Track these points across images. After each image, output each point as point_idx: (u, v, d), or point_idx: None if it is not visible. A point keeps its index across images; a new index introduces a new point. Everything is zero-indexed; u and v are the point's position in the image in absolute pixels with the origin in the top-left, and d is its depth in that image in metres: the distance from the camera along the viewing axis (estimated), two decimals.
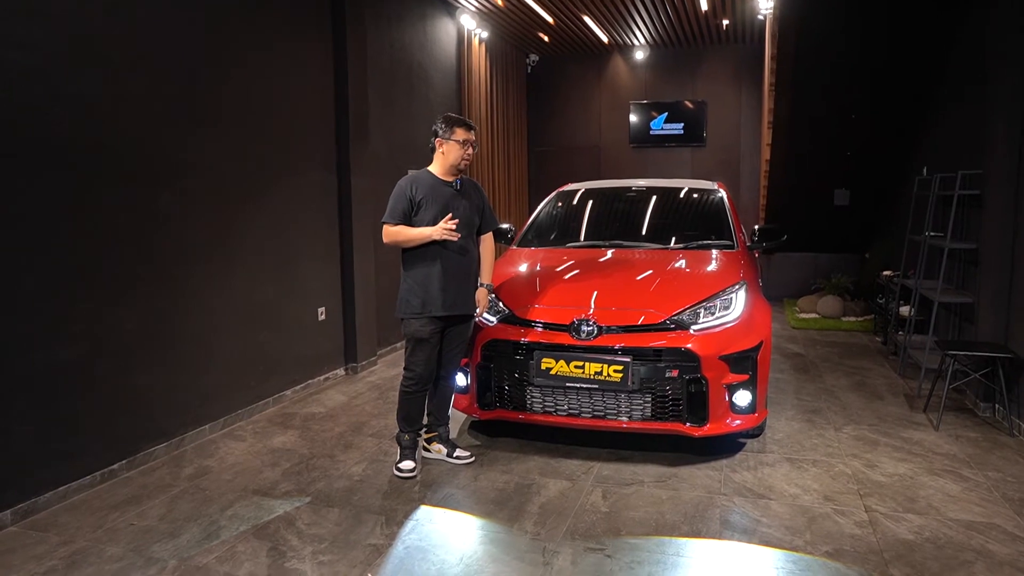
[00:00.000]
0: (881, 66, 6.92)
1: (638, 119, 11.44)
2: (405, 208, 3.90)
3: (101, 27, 3.85)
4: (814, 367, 6.38)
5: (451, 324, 4.01)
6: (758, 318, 4.25)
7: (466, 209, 4.01)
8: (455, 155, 3.95)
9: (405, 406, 4.02)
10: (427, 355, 3.94)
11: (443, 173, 4.01)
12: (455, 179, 4.02)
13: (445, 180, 4.00)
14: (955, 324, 5.78)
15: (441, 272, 3.89)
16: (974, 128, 5.38)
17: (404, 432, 4.05)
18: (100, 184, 3.85)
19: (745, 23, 9.63)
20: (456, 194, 3.99)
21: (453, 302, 3.92)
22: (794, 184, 8.72)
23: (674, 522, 3.39)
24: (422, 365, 3.94)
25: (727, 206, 5.40)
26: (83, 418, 3.78)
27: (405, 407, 4.02)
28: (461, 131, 3.95)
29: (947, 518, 3.42)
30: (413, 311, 3.90)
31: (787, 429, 4.68)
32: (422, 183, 3.96)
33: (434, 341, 3.95)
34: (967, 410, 5.06)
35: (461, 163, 3.97)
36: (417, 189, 3.93)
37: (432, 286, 3.88)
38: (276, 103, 5.26)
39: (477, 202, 4.11)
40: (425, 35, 7.98)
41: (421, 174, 4.03)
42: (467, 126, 3.98)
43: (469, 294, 4.03)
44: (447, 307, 3.90)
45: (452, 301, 3.92)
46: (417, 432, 4.10)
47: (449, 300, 3.90)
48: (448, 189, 3.98)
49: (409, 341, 3.96)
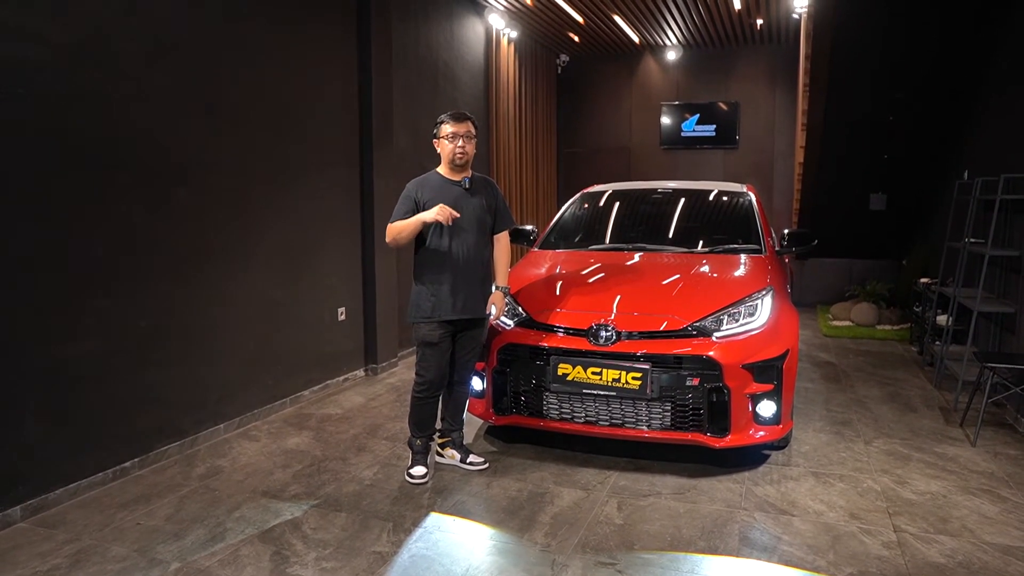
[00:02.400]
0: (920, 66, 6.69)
1: (670, 120, 11.25)
2: (410, 208, 3.82)
3: (121, 24, 3.84)
4: (845, 377, 6.17)
5: (463, 328, 3.91)
6: (784, 326, 4.10)
7: (476, 208, 3.91)
8: (448, 150, 3.86)
9: (417, 411, 3.94)
10: (438, 360, 3.85)
11: (448, 172, 3.93)
12: (463, 177, 3.92)
13: (453, 180, 3.91)
14: (995, 335, 5.54)
15: (452, 275, 3.80)
16: (1019, 130, 5.15)
17: (416, 437, 3.97)
18: (118, 180, 3.84)
19: (779, 22, 9.41)
20: (464, 193, 3.89)
21: (464, 306, 3.82)
22: (829, 187, 8.49)
23: (690, 537, 3.26)
24: (433, 370, 3.85)
25: (756, 209, 5.24)
26: (97, 415, 3.77)
27: (417, 412, 3.94)
28: (447, 125, 3.85)
29: (982, 541, 3.23)
30: (423, 315, 3.82)
31: (814, 441, 4.51)
32: (429, 184, 3.89)
33: (445, 346, 3.86)
34: (1007, 425, 4.82)
35: (456, 158, 3.86)
36: (423, 191, 3.85)
37: (442, 289, 3.79)
38: (299, 100, 5.22)
39: (490, 201, 4.01)
40: (452, 34, 7.92)
41: (430, 175, 3.95)
42: (456, 118, 3.87)
43: (481, 297, 3.92)
44: (457, 311, 3.81)
45: (463, 305, 3.82)
46: (429, 437, 4.02)
47: (459, 304, 3.81)
48: (456, 188, 3.89)
49: (420, 346, 3.88)
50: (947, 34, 6.22)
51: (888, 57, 6.76)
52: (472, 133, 3.90)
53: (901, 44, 6.55)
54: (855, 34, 6.60)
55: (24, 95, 3.36)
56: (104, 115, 3.76)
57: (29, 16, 3.39)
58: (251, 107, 4.76)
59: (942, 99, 6.86)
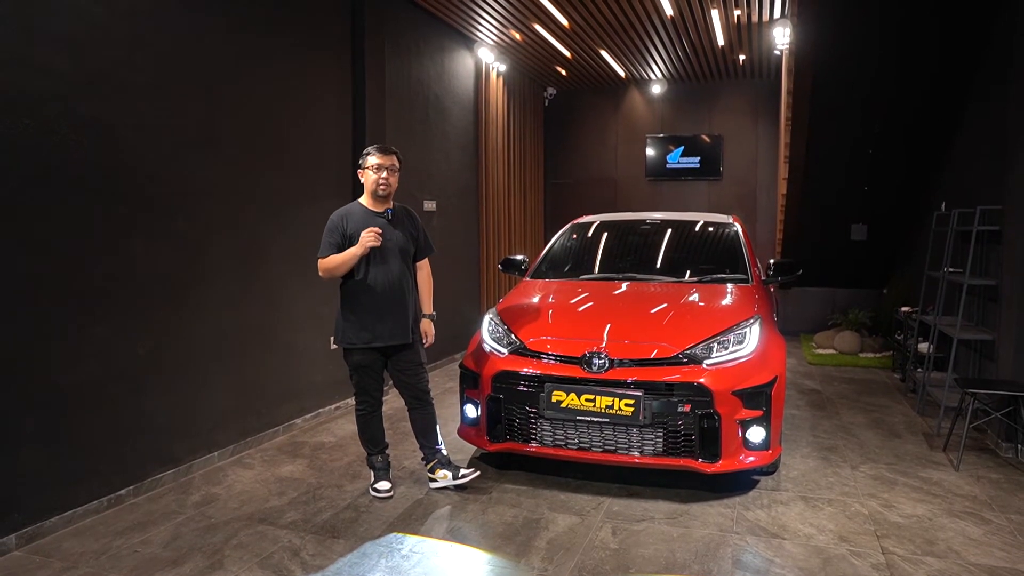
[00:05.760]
0: (898, 102, 6.91)
1: (654, 152, 11.46)
2: (337, 242, 3.94)
3: (124, 56, 3.93)
4: (831, 404, 6.27)
5: (391, 354, 4.04)
6: (773, 353, 4.20)
7: (398, 239, 4.04)
8: (370, 181, 3.98)
9: (366, 429, 4.14)
10: (372, 379, 4.06)
11: (371, 203, 4.05)
12: (385, 209, 4.04)
13: (375, 211, 4.03)
14: (975, 361, 5.67)
15: (377, 303, 3.94)
16: (993, 163, 5.34)
17: (372, 454, 4.16)
18: (116, 209, 3.90)
19: (762, 58, 9.67)
20: (387, 224, 4.01)
21: (391, 333, 3.96)
22: (811, 218, 8.67)
23: (685, 561, 3.31)
24: (369, 389, 4.07)
25: (742, 240, 5.37)
26: (92, 442, 3.78)
27: (366, 430, 4.14)
28: (372, 157, 3.98)
29: (968, 562, 3.31)
30: (350, 342, 3.96)
31: (802, 467, 4.59)
32: (353, 216, 4.00)
33: (376, 367, 4.04)
34: (988, 450, 4.93)
35: (378, 189, 3.98)
36: (348, 222, 3.97)
37: (367, 317, 3.93)
38: (294, 132, 5.32)
39: (411, 230, 4.15)
40: (443, 67, 8.08)
41: (352, 206, 4.07)
42: (382, 151, 4.00)
43: (406, 324, 4.03)
44: (384, 338, 3.95)
45: (389, 331, 3.96)
46: (383, 451, 4.18)
47: (386, 331, 3.95)
48: (379, 219, 4.00)
49: (353, 369, 4.03)
50: (924, 73, 6.44)
51: (868, 93, 6.97)
52: (396, 166, 4.05)
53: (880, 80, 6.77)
54: (835, 70, 6.81)
55: (29, 125, 3.43)
56: (106, 145, 3.83)
57: (39, 48, 3.47)
58: (248, 139, 4.85)
59: (920, 133, 7.08)
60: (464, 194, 8.66)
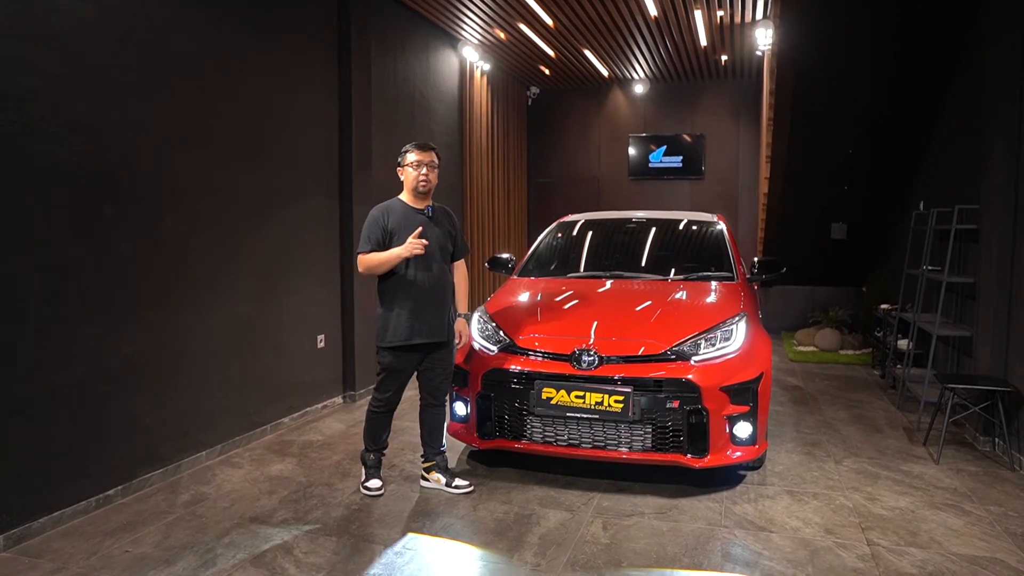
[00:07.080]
0: (878, 102, 7.02)
1: (637, 152, 11.55)
2: (378, 237, 3.95)
3: (113, 56, 3.90)
4: (813, 400, 6.37)
5: (429, 351, 4.04)
6: (758, 350, 4.26)
7: (438, 236, 4.05)
8: (411, 178, 4.00)
9: (372, 426, 4.12)
10: (399, 383, 4.05)
11: (411, 200, 4.06)
12: (426, 206, 4.06)
13: (416, 208, 4.04)
14: (953, 357, 5.79)
15: (416, 301, 3.94)
16: (971, 163, 5.45)
17: (369, 451, 4.15)
18: (105, 208, 3.87)
19: (743, 59, 9.78)
20: (427, 221, 4.02)
21: (430, 330, 3.97)
22: (792, 217, 8.79)
23: (675, 554, 3.36)
24: (392, 391, 4.05)
25: (727, 238, 5.44)
26: (80, 443, 3.76)
27: (372, 427, 4.12)
28: (412, 154, 4.00)
29: (950, 552, 3.39)
30: (390, 341, 3.95)
31: (787, 462, 4.66)
32: (394, 211, 4.01)
33: (409, 372, 4.04)
34: (967, 444, 5.04)
35: (419, 185, 3.99)
36: (389, 217, 3.98)
37: (409, 315, 3.93)
38: (281, 131, 5.31)
39: (449, 229, 4.16)
40: (428, 66, 8.09)
41: (393, 202, 4.08)
42: (421, 148, 4.02)
43: (444, 322, 4.05)
44: (423, 335, 3.95)
45: (428, 329, 3.96)
46: (380, 450, 4.17)
47: (425, 328, 3.95)
48: (420, 216, 4.02)
49: (383, 369, 4.02)
50: (903, 73, 6.56)
51: (848, 93, 7.08)
52: (435, 163, 4.05)
53: (860, 81, 6.88)
54: (816, 71, 6.91)
55: (16, 123, 3.40)
56: (95, 145, 3.80)
57: (29, 48, 3.44)
58: (235, 139, 4.83)
59: (899, 134, 7.21)
60: (449, 193, 8.67)
